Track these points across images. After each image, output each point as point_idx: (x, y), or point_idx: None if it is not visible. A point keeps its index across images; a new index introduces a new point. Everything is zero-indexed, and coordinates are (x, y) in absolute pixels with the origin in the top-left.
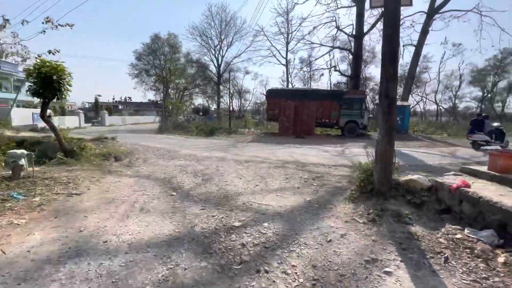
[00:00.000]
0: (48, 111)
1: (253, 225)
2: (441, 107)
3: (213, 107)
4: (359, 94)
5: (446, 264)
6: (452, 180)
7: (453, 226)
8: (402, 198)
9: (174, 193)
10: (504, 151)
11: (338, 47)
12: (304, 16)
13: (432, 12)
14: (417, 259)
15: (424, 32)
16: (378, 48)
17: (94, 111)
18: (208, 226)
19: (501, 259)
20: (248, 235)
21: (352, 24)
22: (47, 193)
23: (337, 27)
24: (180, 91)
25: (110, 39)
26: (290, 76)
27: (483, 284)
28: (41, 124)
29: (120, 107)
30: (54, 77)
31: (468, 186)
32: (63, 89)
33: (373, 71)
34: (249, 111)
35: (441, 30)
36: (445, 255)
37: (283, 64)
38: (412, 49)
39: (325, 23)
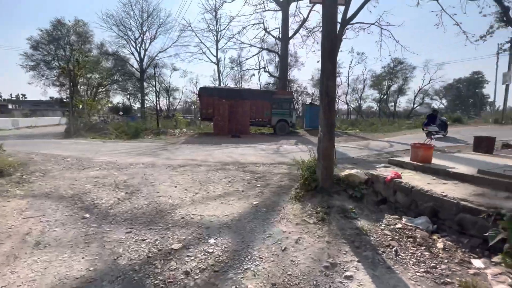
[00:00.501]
0: None
1: (197, 244)
2: (350, 107)
3: (136, 105)
4: (288, 94)
5: (397, 258)
6: (384, 172)
7: (392, 216)
8: (344, 193)
9: (87, 215)
10: (424, 143)
11: (267, 49)
12: (233, 15)
13: (344, 23)
14: (372, 256)
15: (338, 40)
16: (300, 53)
17: None
18: (138, 255)
19: (439, 244)
20: (192, 258)
21: (279, 28)
22: None
23: (265, 29)
24: (93, 88)
25: None
26: (222, 75)
27: (434, 274)
28: None
29: (10, 106)
30: None
31: (399, 177)
32: None
33: (296, 74)
34: (179, 111)
35: (352, 39)
36: (394, 248)
37: (214, 63)
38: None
39: (254, 24)
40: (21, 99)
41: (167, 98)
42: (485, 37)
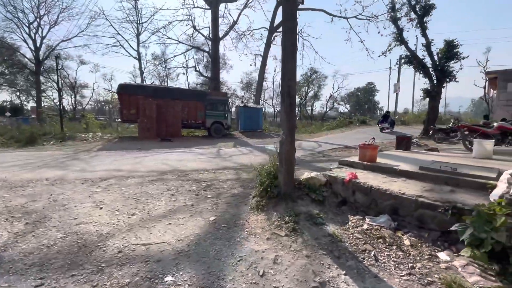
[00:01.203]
0: None
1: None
2: (276, 109)
3: (30, 105)
4: (222, 95)
5: (378, 263)
6: (339, 172)
7: (355, 217)
8: (307, 197)
9: None
10: (370, 144)
11: (197, 47)
12: (157, 8)
13: (272, 29)
14: (355, 265)
15: (267, 45)
16: (229, 55)
17: None
18: None
19: (406, 241)
20: None
21: (209, 27)
22: None
23: (194, 27)
24: None
25: None
26: (143, 72)
27: (416, 275)
28: None
29: None
30: None
31: (356, 177)
32: None
33: (225, 76)
34: (89, 111)
35: (279, 46)
36: (372, 253)
37: (135, 57)
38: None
39: (181, 20)
40: None
41: (73, 96)
42: (385, 53)
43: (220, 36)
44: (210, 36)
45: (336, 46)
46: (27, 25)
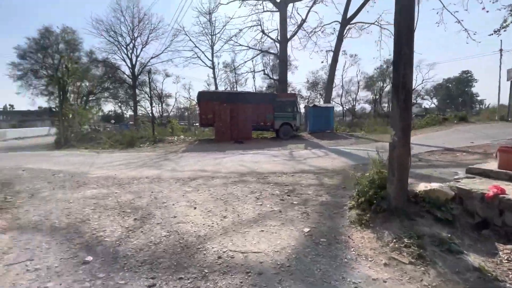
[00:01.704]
0: None
1: None
2: (345, 109)
3: (128, 113)
4: (290, 96)
5: None
6: (472, 184)
7: (508, 246)
8: (428, 215)
9: (89, 257)
10: None
11: (266, 51)
12: (229, 17)
13: (344, 23)
14: None
15: (339, 40)
16: (296, 55)
17: None
18: None
19: None
20: None
21: (277, 29)
22: None
23: (262, 31)
24: (83, 96)
25: None
26: (215, 79)
27: None
28: None
29: (0, 117)
30: None
31: (504, 192)
32: None
33: (289, 77)
34: (173, 117)
35: (357, 38)
36: None
37: (209, 67)
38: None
39: (251, 26)
40: (8, 109)
41: (160, 105)
42: (499, 32)
43: (288, 36)
44: (278, 38)
45: (420, 32)
46: (125, 46)
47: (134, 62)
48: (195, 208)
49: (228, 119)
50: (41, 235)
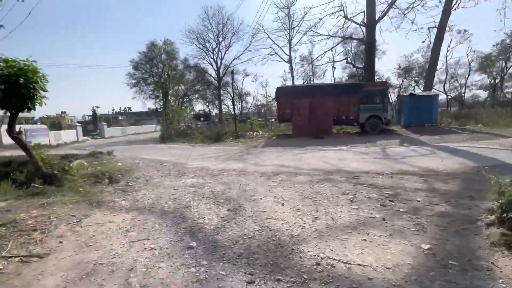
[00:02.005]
0: (18, 126)
1: None
2: (449, 97)
3: (214, 111)
4: (380, 85)
5: None
6: None
7: None
8: None
9: (193, 243)
10: None
11: (350, 37)
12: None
13: None
14: None
15: (445, 13)
16: (386, 37)
17: (93, 124)
18: None
19: None
20: None
21: (363, 12)
22: None
23: (345, 16)
24: (179, 98)
25: (107, 48)
26: (292, 74)
27: None
28: (38, 140)
29: (120, 117)
30: (21, 80)
31: None
32: (35, 96)
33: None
34: (251, 114)
35: (471, 8)
36: None
37: (287, 62)
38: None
39: (332, 13)
40: (127, 111)
41: (240, 103)
42: None
43: (377, 18)
44: (364, 21)
45: None
46: (211, 51)
47: (219, 65)
48: (283, 204)
49: (306, 113)
50: (154, 217)
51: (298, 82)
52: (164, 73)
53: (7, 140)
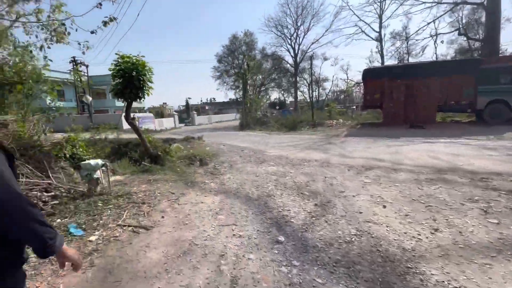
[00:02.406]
0: (132, 114)
1: None
2: None
3: (289, 99)
4: (508, 60)
5: None
6: None
7: None
8: None
9: (282, 237)
10: None
11: (465, 2)
12: None
13: None
14: None
15: None
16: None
17: (186, 113)
18: None
19: None
20: None
21: None
22: (112, 224)
23: None
24: (256, 87)
25: (196, 46)
26: (382, 53)
27: None
28: (147, 126)
29: (207, 107)
30: (134, 74)
31: None
32: (144, 87)
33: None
34: (328, 101)
35: None
36: None
37: (375, 40)
38: None
39: None
40: (212, 101)
41: (317, 90)
42: None
43: None
44: None
45: None
46: (289, 37)
47: (296, 51)
48: (384, 206)
49: (401, 98)
50: (240, 202)
51: (389, 62)
52: (244, 63)
53: (126, 125)
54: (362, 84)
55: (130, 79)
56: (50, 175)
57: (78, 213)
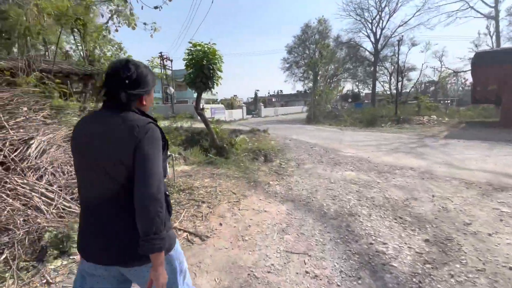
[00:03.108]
0: (207, 105)
1: None
2: None
3: (364, 91)
4: None
5: None
6: None
7: None
8: None
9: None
10: None
11: None
12: None
13: None
14: None
15: None
16: None
17: (254, 104)
18: None
19: None
20: None
21: None
22: None
23: None
24: (327, 78)
25: (267, 36)
26: (498, 34)
27: None
28: (218, 117)
29: (273, 99)
30: (204, 62)
31: None
32: (214, 77)
33: None
34: (414, 93)
35: None
36: None
37: (488, 17)
38: None
39: None
40: (279, 94)
41: (401, 80)
42: None
43: None
44: None
45: None
46: (370, 21)
47: (378, 37)
48: None
49: None
50: (312, 218)
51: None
52: (316, 52)
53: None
54: (463, 73)
55: (201, 68)
56: None
57: None
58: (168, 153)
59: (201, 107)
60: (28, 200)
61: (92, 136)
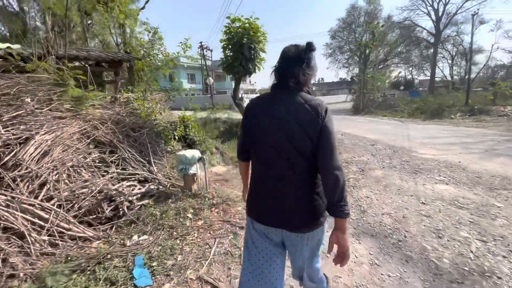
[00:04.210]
0: (244, 95)
1: None
2: None
3: (419, 78)
4: None
5: None
6: None
7: None
8: None
9: None
10: None
11: None
12: None
13: None
14: None
15: None
16: None
17: None
18: None
19: None
20: None
21: None
22: (192, 269)
23: None
24: (375, 64)
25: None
26: None
27: None
28: None
29: (314, 88)
30: (244, 41)
31: None
32: (255, 59)
33: None
34: (482, 78)
35: None
36: None
37: None
38: None
39: None
40: (320, 82)
41: (467, 64)
42: None
43: None
44: None
45: None
46: None
47: (440, 14)
48: None
49: None
50: (420, 279)
51: None
52: (364, 34)
53: None
54: None
55: (240, 48)
56: (152, 160)
57: (160, 228)
58: (197, 155)
59: (240, 96)
60: (9, 224)
61: (276, 116)
